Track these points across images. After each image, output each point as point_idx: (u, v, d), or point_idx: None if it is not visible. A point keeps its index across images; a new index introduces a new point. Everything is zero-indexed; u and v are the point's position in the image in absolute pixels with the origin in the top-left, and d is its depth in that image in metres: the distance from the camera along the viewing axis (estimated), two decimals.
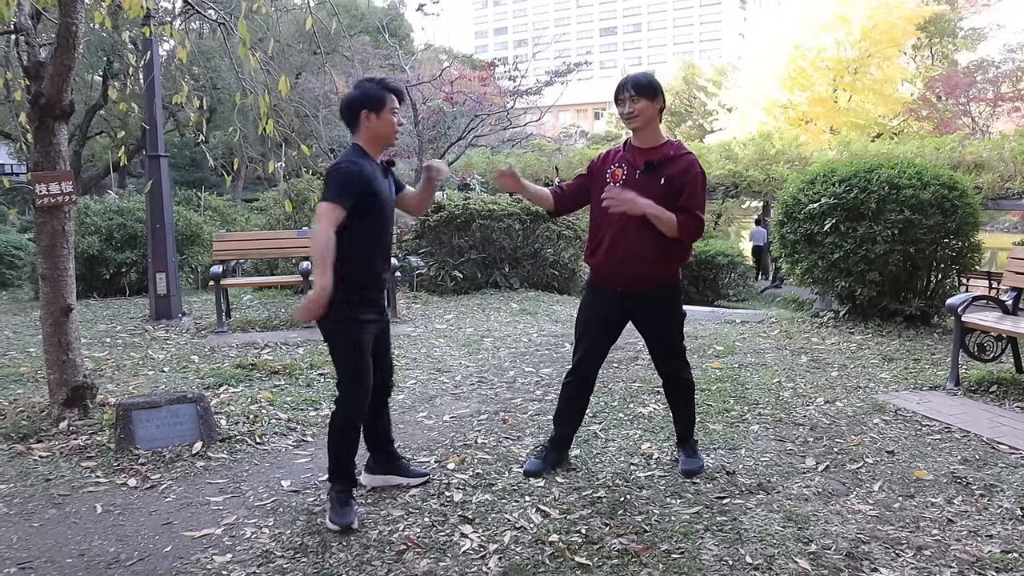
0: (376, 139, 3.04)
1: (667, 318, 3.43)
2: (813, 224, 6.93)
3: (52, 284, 4.18)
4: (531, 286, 9.76)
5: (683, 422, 3.60)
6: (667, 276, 3.34)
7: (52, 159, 4.16)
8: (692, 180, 3.23)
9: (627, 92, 3.22)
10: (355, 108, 3.00)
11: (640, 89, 3.20)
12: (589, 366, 3.51)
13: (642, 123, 3.24)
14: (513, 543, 2.86)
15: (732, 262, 13.86)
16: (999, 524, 2.97)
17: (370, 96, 2.99)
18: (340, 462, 3.09)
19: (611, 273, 3.34)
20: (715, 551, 2.77)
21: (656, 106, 3.24)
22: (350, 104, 3.01)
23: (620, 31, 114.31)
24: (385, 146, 3.09)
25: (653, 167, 3.21)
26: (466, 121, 16.39)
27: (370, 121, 2.99)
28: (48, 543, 2.95)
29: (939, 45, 35.41)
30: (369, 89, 3.02)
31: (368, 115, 2.98)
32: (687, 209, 3.20)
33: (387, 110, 3.00)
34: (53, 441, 3.97)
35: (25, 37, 4.19)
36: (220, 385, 5.05)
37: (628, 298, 3.36)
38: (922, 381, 5.08)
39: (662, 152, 3.26)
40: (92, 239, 9.55)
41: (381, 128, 3.01)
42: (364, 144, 3.03)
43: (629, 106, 3.22)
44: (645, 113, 3.22)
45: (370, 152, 3.04)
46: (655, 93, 3.22)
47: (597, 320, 3.45)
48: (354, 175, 2.91)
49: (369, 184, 2.94)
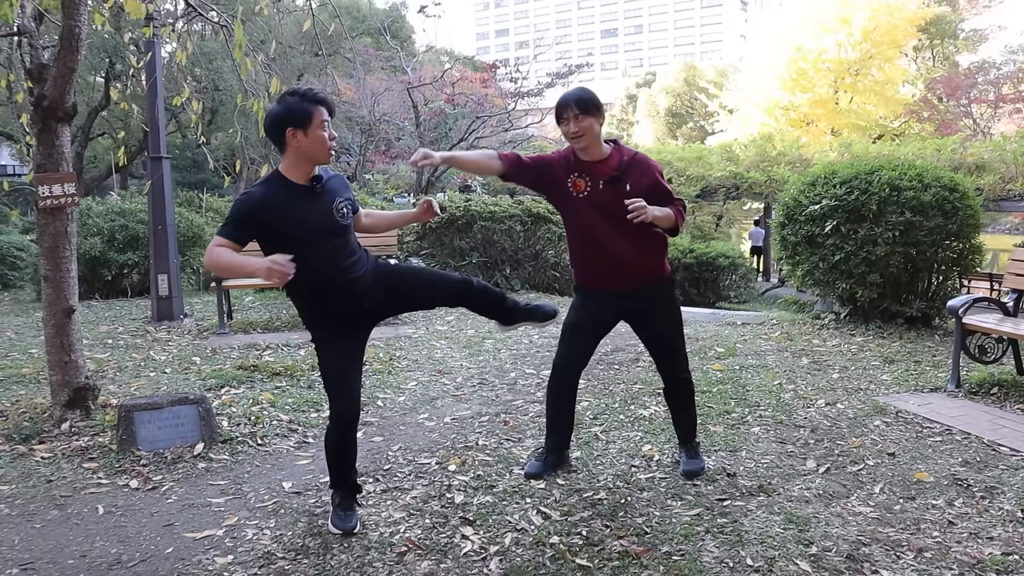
0: (304, 159, 2.74)
1: (661, 316, 3.41)
2: (814, 226, 6.92)
3: (54, 285, 4.19)
4: (532, 288, 9.77)
5: (683, 424, 3.61)
6: (655, 271, 3.34)
7: (55, 161, 4.17)
8: (658, 176, 3.29)
9: (571, 111, 3.13)
10: (280, 126, 2.70)
11: (584, 106, 3.12)
12: (572, 367, 3.48)
13: (589, 141, 3.18)
14: (514, 545, 2.86)
15: (733, 264, 13.84)
16: (1000, 526, 2.97)
17: (293, 111, 2.68)
18: (339, 473, 3.08)
19: (600, 278, 3.36)
20: (716, 553, 2.77)
21: (600, 121, 3.21)
22: (274, 121, 2.72)
23: (621, 32, 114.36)
24: (318, 162, 2.79)
25: (618, 179, 3.21)
26: (467, 123, 16.41)
27: (297, 139, 2.69)
28: (50, 544, 2.96)
29: (940, 47, 35.38)
30: (292, 104, 2.70)
31: (295, 133, 2.68)
32: (668, 200, 3.25)
33: (315, 125, 2.69)
34: (55, 442, 3.98)
35: (28, 39, 4.21)
36: (222, 386, 5.06)
37: (620, 299, 3.34)
38: (923, 383, 5.08)
39: (615, 163, 3.24)
40: (94, 240, 9.56)
41: (310, 146, 2.71)
42: (286, 168, 2.76)
43: (574, 125, 3.14)
44: (592, 131, 3.16)
45: (292, 177, 2.76)
46: (599, 108, 3.20)
47: (587, 322, 3.44)
48: (246, 208, 2.69)
49: (267, 215, 2.69)
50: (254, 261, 2.60)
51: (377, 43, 24.39)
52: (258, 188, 2.76)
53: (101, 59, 20.95)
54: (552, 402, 3.55)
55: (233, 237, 2.68)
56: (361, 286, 2.92)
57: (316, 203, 2.80)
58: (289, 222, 2.73)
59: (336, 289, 2.86)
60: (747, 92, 30.04)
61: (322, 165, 2.83)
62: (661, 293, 3.39)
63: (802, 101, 27.50)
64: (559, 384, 3.50)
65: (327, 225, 2.81)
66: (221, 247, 2.66)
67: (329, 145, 2.75)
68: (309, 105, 2.70)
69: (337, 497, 3.07)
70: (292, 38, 20.19)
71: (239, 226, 2.69)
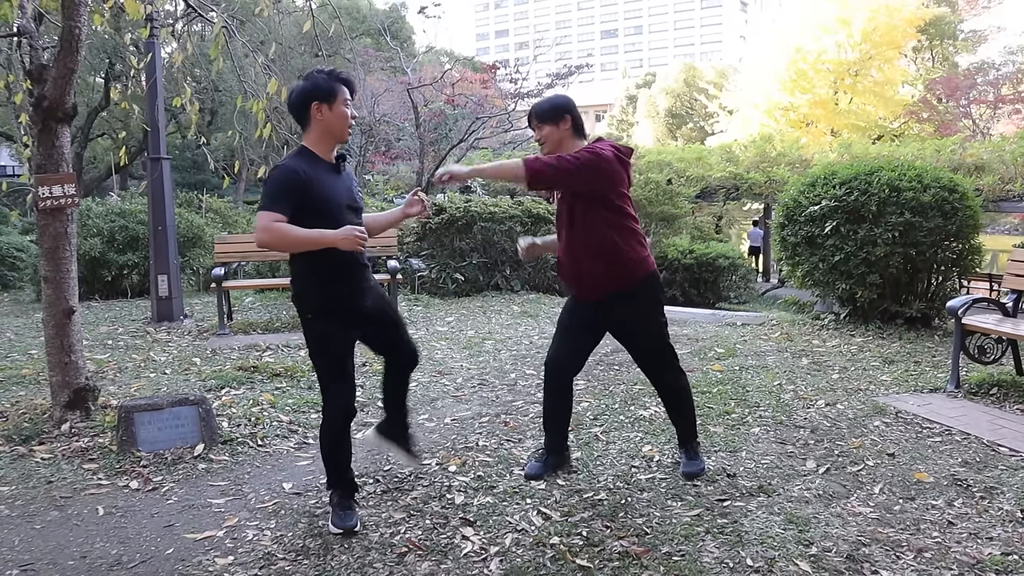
0: (327, 134, 2.87)
1: (638, 323, 3.32)
2: (814, 226, 6.93)
3: (54, 286, 4.19)
4: (532, 288, 9.77)
5: (681, 426, 3.57)
6: (625, 279, 3.23)
7: (55, 161, 4.17)
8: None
9: (533, 122, 3.33)
10: (306, 100, 2.82)
11: (542, 117, 3.28)
12: (558, 370, 3.44)
13: (552, 147, 3.28)
14: (514, 545, 2.86)
15: (733, 264, 13.84)
16: (999, 526, 2.97)
17: (320, 87, 2.82)
18: (335, 470, 3.08)
19: (572, 285, 3.39)
20: (716, 553, 2.77)
21: (562, 128, 3.26)
22: (301, 96, 2.84)
23: (621, 33, 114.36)
24: (338, 142, 2.93)
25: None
26: (467, 123, 16.41)
27: (321, 114, 2.82)
28: (50, 545, 2.96)
29: (939, 47, 35.38)
30: (319, 80, 2.84)
31: (319, 107, 2.82)
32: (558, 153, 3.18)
33: (339, 101, 2.83)
34: (55, 443, 3.98)
35: (28, 40, 4.20)
36: (222, 387, 5.06)
37: (598, 307, 3.31)
38: (923, 383, 5.08)
39: None
40: (94, 241, 9.57)
41: (334, 121, 2.84)
42: (312, 143, 2.87)
43: (537, 133, 3.32)
44: (552, 137, 3.28)
45: (318, 152, 2.87)
46: (556, 116, 3.26)
47: (571, 325, 3.43)
48: (288, 180, 2.75)
49: (308, 187, 2.76)
50: (328, 232, 2.71)
51: (377, 44, 24.40)
52: (293, 161, 2.82)
53: (101, 60, 20.96)
54: (545, 401, 3.54)
55: (283, 211, 2.72)
56: (368, 280, 3.04)
57: (341, 181, 2.93)
58: (323, 195, 2.81)
59: (354, 271, 2.94)
60: (747, 93, 30.05)
61: (341, 143, 2.94)
62: (634, 298, 3.28)
63: (802, 102, 27.51)
64: (550, 383, 3.48)
65: (351, 203, 2.95)
66: (279, 223, 2.70)
67: (348, 122, 2.87)
68: (334, 82, 2.84)
69: (335, 496, 3.07)
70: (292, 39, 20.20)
71: (287, 199, 2.73)
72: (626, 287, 3.24)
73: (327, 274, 2.88)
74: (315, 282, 2.91)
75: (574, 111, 3.30)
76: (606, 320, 3.35)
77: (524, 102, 17.67)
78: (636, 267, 3.25)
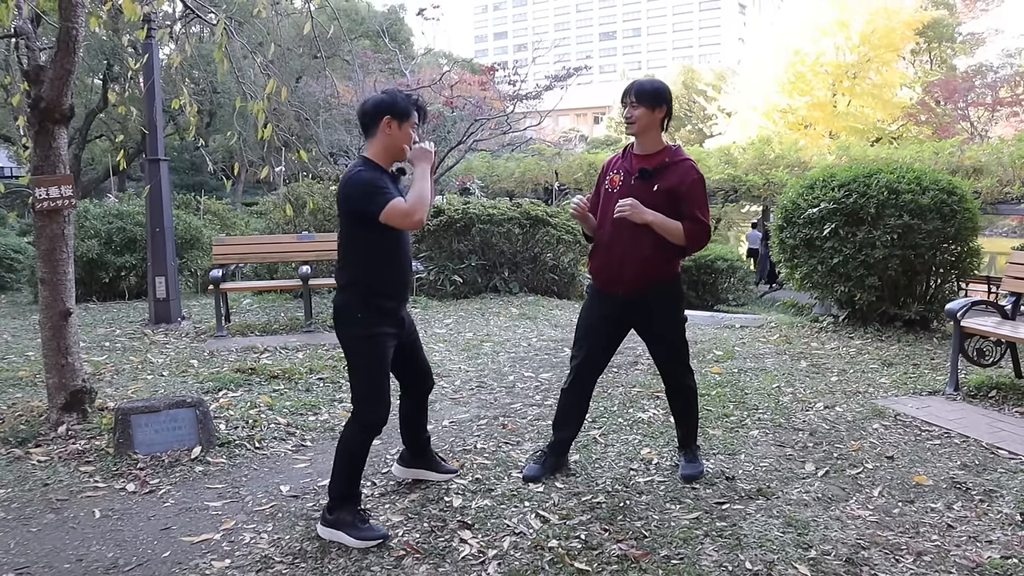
0: (390, 149, 2.96)
1: (667, 319, 3.42)
2: (812, 229, 6.93)
3: (51, 288, 4.18)
4: (531, 291, 9.76)
5: (684, 428, 3.60)
6: (664, 274, 3.33)
7: (52, 163, 4.16)
8: (690, 186, 3.25)
9: (629, 97, 3.26)
10: (381, 112, 2.92)
11: (641, 96, 3.23)
12: (587, 371, 3.51)
13: (638, 129, 3.27)
14: (512, 549, 2.85)
15: (732, 266, 13.85)
16: (999, 530, 2.97)
17: (398, 104, 2.94)
18: (351, 483, 2.98)
19: (610, 276, 3.36)
20: (715, 557, 2.76)
21: (656, 115, 3.25)
22: (377, 106, 2.93)
23: (620, 35, 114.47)
24: (396, 159, 3.01)
25: (648, 175, 3.24)
26: (466, 125, 16.40)
27: (391, 129, 2.92)
28: (46, 548, 2.94)
29: (938, 50, 35.45)
30: (399, 97, 2.97)
31: (391, 122, 2.91)
32: (690, 216, 3.22)
33: (409, 123, 2.95)
34: (52, 445, 3.97)
35: (25, 41, 4.19)
36: (219, 389, 5.04)
37: (629, 302, 3.35)
38: (921, 386, 5.07)
39: (658, 159, 3.28)
40: (91, 243, 9.55)
41: (400, 139, 2.94)
42: (375, 155, 2.95)
43: (628, 111, 3.26)
44: (642, 120, 3.24)
45: (381, 163, 2.96)
46: (656, 102, 3.23)
47: (598, 324, 3.46)
48: (377, 177, 2.88)
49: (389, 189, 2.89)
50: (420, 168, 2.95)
51: (376, 45, 24.40)
52: (367, 170, 2.90)
53: (99, 61, 20.95)
54: (564, 399, 3.57)
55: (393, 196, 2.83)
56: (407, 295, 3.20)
57: (398, 191, 2.98)
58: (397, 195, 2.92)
59: (407, 278, 3.11)
60: (745, 95, 30.06)
61: (399, 160, 3.03)
62: (666, 294, 3.38)
63: (800, 104, 27.52)
64: (573, 385, 3.54)
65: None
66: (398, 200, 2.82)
67: (410, 143, 2.98)
68: (410, 105, 2.97)
69: (347, 515, 2.93)
70: (290, 40, 20.21)
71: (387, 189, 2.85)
72: (662, 285, 3.33)
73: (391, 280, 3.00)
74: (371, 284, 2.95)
75: (671, 103, 3.29)
76: (635, 313, 3.38)
77: (523, 104, 17.67)
78: (675, 269, 3.37)
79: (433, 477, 3.50)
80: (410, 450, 3.48)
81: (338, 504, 2.96)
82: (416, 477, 3.49)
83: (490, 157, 22.45)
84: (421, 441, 3.46)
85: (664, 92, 3.28)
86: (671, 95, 3.31)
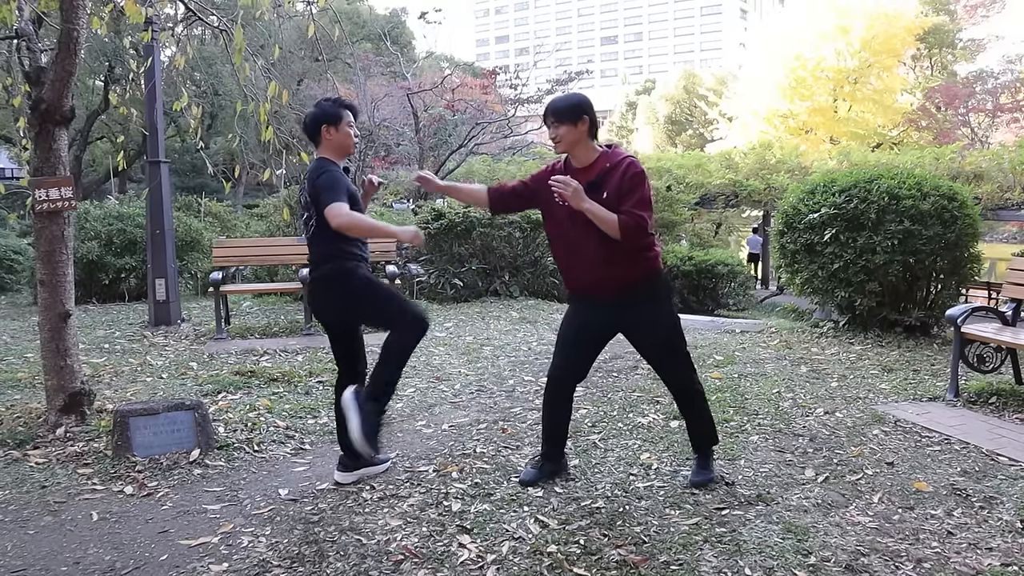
0: (338, 149, 3.42)
1: (648, 321, 3.31)
2: (813, 234, 6.93)
3: (51, 289, 4.18)
4: (531, 294, 9.76)
5: (696, 431, 3.52)
6: (634, 275, 3.24)
7: (52, 164, 4.16)
8: (630, 179, 3.16)
9: (549, 119, 3.27)
10: (317, 123, 3.40)
11: (559, 115, 3.22)
12: (564, 378, 3.45)
13: (566, 147, 3.26)
14: (511, 553, 2.84)
15: (732, 271, 13.84)
16: (999, 537, 2.95)
17: (328, 112, 3.40)
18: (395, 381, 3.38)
19: (577, 281, 3.35)
20: (714, 563, 2.75)
21: (580, 128, 3.20)
22: (313, 120, 3.42)
23: (621, 40, 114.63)
24: (346, 155, 3.47)
25: (596, 186, 3.18)
26: (467, 129, 16.42)
27: (330, 134, 3.39)
28: (43, 551, 2.93)
29: (938, 56, 35.50)
30: (327, 107, 3.43)
31: (328, 129, 3.38)
32: (625, 210, 3.12)
33: (343, 123, 3.40)
34: (50, 448, 3.96)
35: (26, 42, 4.20)
36: (218, 392, 5.04)
37: (609, 308, 3.29)
38: (922, 392, 5.07)
39: (598, 168, 3.23)
40: (91, 244, 9.55)
41: (341, 139, 3.41)
42: (328, 154, 3.41)
43: (552, 131, 3.27)
44: (567, 138, 3.22)
45: (335, 160, 3.41)
46: (574, 116, 3.19)
47: (578, 332, 3.41)
48: (340, 176, 3.31)
49: (348, 183, 3.35)
50: (396, 227, 3.36)
51: (377, 49, 24.43)
52: (327, 166, 3.34)
53: (101, 63, 21.00)
54: (545, 410, 3.55)
55: (345, 200, 3.21)
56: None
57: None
58: (350, 188, 3.34)
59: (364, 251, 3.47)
60: (746, 100, 30.11)
61: (348, 156, 3.53)
62: (645, 297, 3.29)
63: (801, 109, 27.58)
64: (551, 394, 3.50)
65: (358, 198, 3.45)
66: (351, 210, 3.19)
67: (353, 140, 3.45)
68: (339, 108, 3.43)
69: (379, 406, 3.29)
70: (292, 43, 20.24)
71: (344, 190, 3.25)
72: (636, 287, 3.26)
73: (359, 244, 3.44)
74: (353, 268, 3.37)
75: (592, 112, 3.26)
76: (620, 320, 3.32)
77: (524, 108, 17.70)
78: (647, 269, 3.28)
79: (376, 471, 3.65)
80: (347, 454, 3.56)
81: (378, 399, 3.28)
82: (359, 477, 3.59)
83: (491, 160, 22.48)
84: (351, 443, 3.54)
85: (580, 104, 3.24)
86: (590, 104, 3.27)
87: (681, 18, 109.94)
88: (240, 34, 4.36)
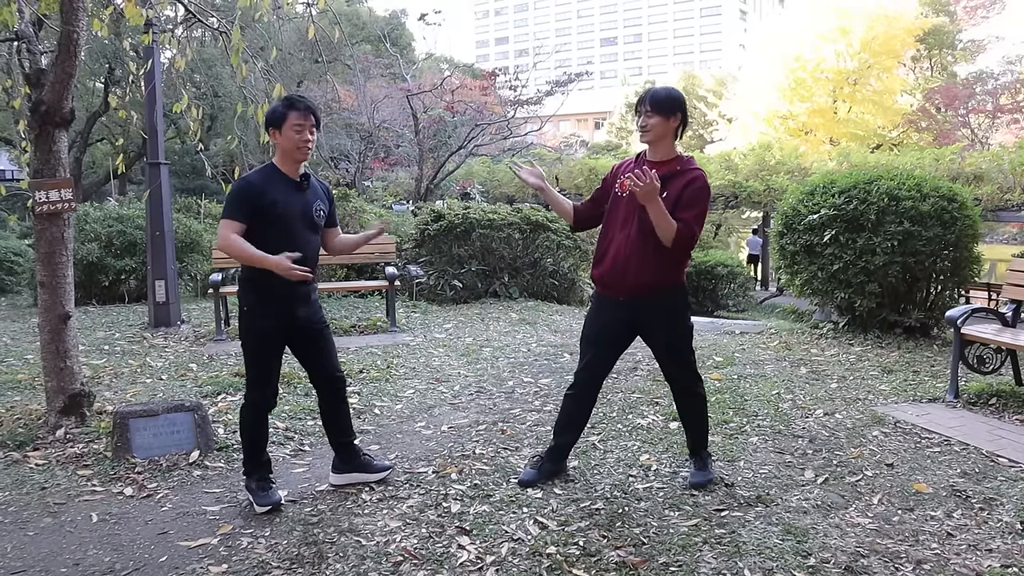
0: (285, 153, 3.20)
1: (673, 325, 3.39)
2: (813, 235, 6.93)
3: (51, 291, 4.18)
4: (531, 296, 9.75)
5: (693, 433, 3.56)
6: (668, 280, 3.31)
7: (52, 166, 4.16)
8: (695, 191, 3.22)
9: (644, 106, 3.26)
10: (265, 126, 3.26)
11: (656, 105, 3.22)
12: (592, 378, 3.50)
13: (653, 138, 3.27)
14: (511, 555, 2.84)
15: (732, 272, 13.86)
16: (999, 538, 2.95)
17: (271, 115, 3.21)
18: (251, 452, 3.33)
19: (614, 281, 3.34)
20: (713, 564, 2.75)
21: (670, 123, 3.24)
22: (264, 123, 3.29)
23: (621, 41, 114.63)
24: (296, 162, 3.21)
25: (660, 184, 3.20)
26: (467, 130, 16.43)
27: (276, 138, 3.19)
28: (43, 552, 2.94)
29: (938, 57, 35.49)
30: (272, 108, 3.25)
31: (273, 132, 3.19)
32: (683, 218, 3.17)
33: (288, 126, 3.14)
34: (49, 449, 3.96)
35: (26, 44, 4.20)
36: (218, 393, 5.04)
37: (633, 307, 3.33)
38: (921, 393, 5.07)
39: (669, 168, 3.26)
40: (91, 246, 9.55)
41: (285, 143, 3.17)
42: (278, 162, 3.22)
43: (643, 119, 3.26)
44: (656, 129, 3.24)
45: (283, 168, 3.21)
46: (670, 110, 3.22)
47: (602, 330, 3.44)
48: (242, 191, 3.12)
49: (260, 197, 3.11)
50: (268, 257, 3.02)
51: (377, 50, 24.45)
52: (253, 174, 3.21)
53: (100, 65, 20.99)
54: (565, 406, 3.57)
55: (238, 219, 3.09)
56: (309, 293, 3.33)
57: (300, 196, 3.25)
58: (276, 206, 3.14)
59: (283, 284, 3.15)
60: (746, 101, 30.11)
61: (301, 162, 3.24)
62: (671, 301, 3.36)
63: (801, 110, 27.57)
64: (575, 393, 3.54)
65: (307, 217, 3.26)
66: (234, 233, 3.06)
67: (300, 144, 3.16)
68: (285, 109, 3.17)
69: (253, 483, 3.30)
70: (292, 45, 20.24)
71: (242, 208, 3.10)
72: (666, 291, 3.31)
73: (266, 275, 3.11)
74: (255, 277, 3.18)
75: (686, 112, 3.29)
76: (641, 319, 3.36)
77: (523, 109, 17.71)
78: (678, 269, 3.35)
79: (370, 478, 3.57)
80: (339, 456, 3.56)
81: (247, 475, 3.33)
82: (351, 482, 3.54)
83: (491, 162, 22.49)
84: (344, 446, 3.55)
85: (679, 101, 3.27)
86: (686, 103, 3.30)
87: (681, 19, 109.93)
88: (238, 34, 4.37)
